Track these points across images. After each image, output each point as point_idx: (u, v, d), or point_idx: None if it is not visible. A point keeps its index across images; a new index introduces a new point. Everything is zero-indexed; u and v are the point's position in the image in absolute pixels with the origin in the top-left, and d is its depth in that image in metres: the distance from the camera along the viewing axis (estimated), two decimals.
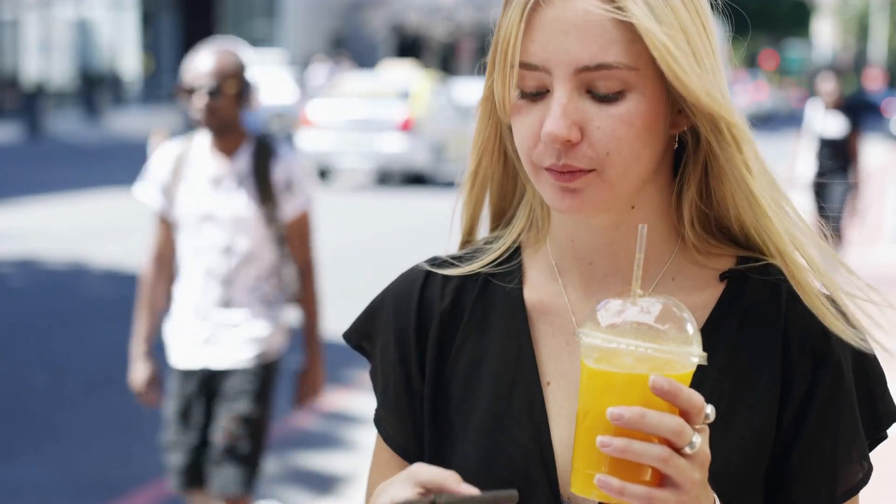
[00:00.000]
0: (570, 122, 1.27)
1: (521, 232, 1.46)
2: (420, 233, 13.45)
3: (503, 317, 1.42)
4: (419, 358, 1.44)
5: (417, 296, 1.45)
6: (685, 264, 1.39)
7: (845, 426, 1.33)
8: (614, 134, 1.27)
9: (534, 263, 1.44)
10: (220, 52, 4.17)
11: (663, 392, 1.13)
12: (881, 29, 62.94)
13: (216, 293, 4.19)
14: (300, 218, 4.36)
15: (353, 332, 1.52)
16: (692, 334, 1.17)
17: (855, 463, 1.34)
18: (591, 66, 1.26)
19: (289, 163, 4.25)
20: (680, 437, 1.14)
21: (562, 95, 1.27)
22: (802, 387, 1.33)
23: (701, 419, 1.16)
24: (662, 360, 1.15)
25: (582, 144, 1.28)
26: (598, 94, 1.27)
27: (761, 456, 1.33)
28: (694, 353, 1.17)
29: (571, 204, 1.30)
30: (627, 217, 1.35)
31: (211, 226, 4.19)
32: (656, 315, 1.17)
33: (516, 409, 1.37)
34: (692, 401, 1.14)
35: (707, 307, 1.37)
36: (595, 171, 1.28)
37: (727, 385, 1.33)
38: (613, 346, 1.15)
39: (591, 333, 1.17)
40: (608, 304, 1.19)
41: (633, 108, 1.27)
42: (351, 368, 7.95)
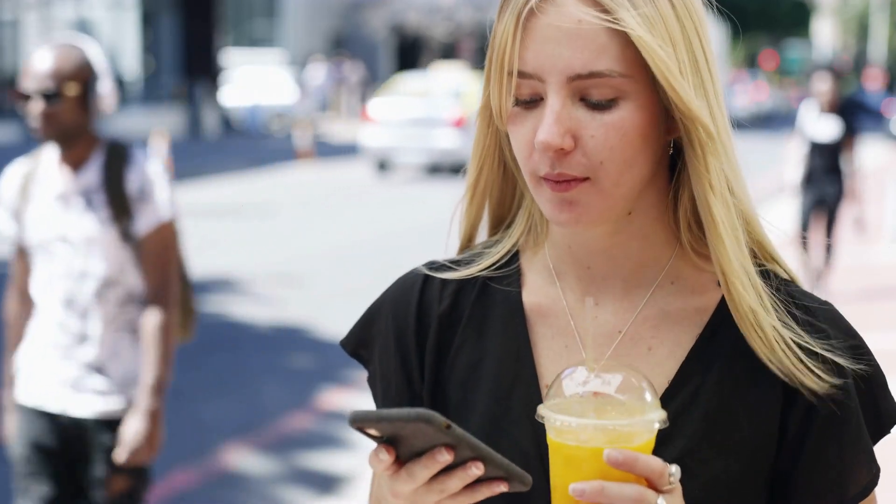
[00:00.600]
0: (562, 130, 1.27)
1: (520, 236, 1.46)
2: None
3: (502, 320, 1.42)
4: (419, 361, 1.44)
5: (416, 299, 1.45)
6: (684, 268, 1.39)
7: (850, 429, 1.33)
8: (608, 142, 1.27)
9: (532, 267, 1.44)
10: (60, 50, 3.62)
11: (618, 464, 1.16)
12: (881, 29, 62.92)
13: (74, 325, 3.63)
14: (157, 232, 3.67)
15: (351, 340, 1.52)
16: (650, 402, 1.21)
17: (863, 466, 1.34)
18: (583, 74, 1.26)
19: (142, 168, 3.65)
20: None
21: (555, 103, 1.27)
22: (807, 392, 1.33)
23: (665, 482, 1.18)
24: (623, 432, 1.18)
25: (576, 153, 1.28)
26: (592, 101, 1.27)
27: (762, 461, 1.33)
28: (654, 419, 1.20)
29: (569, 217, 1.30)
30: (626, 223, 1.36)
31: (64, 249, 3.63)
32: (616, 386, 1.21)
33: (515, 411, 1.38)
34: (650, 467, 1.17)
35: (707, 311, 1.37)
36: (589, 179, 1.28)
37: (727, 390, 1.33)
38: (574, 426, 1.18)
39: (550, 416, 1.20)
40: (573, 374, 1.22)
41: (627, 115, 1.27)
42: (351, 368, 7.96)
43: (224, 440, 6.56)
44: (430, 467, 1.16)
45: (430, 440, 1.15)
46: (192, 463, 6.17)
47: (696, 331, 1.36)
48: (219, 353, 8.58)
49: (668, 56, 1.26)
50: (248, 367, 8.22)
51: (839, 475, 1.33)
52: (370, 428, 1.15)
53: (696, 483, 1.30)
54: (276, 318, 9.66)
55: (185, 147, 25.72)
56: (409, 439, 1.16)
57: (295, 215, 16.28)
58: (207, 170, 21.69)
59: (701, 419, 1.32)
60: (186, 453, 6.30)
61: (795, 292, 1.38)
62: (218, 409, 7.15)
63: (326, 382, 7.78)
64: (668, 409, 1.31)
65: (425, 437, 1.14)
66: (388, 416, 1.13)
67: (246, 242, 13.77)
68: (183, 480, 5.94)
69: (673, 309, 1.37)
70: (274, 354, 8.57)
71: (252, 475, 6.09)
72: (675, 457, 1.28)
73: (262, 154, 25.38)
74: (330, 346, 8.71)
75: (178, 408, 7.14)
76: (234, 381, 7.84)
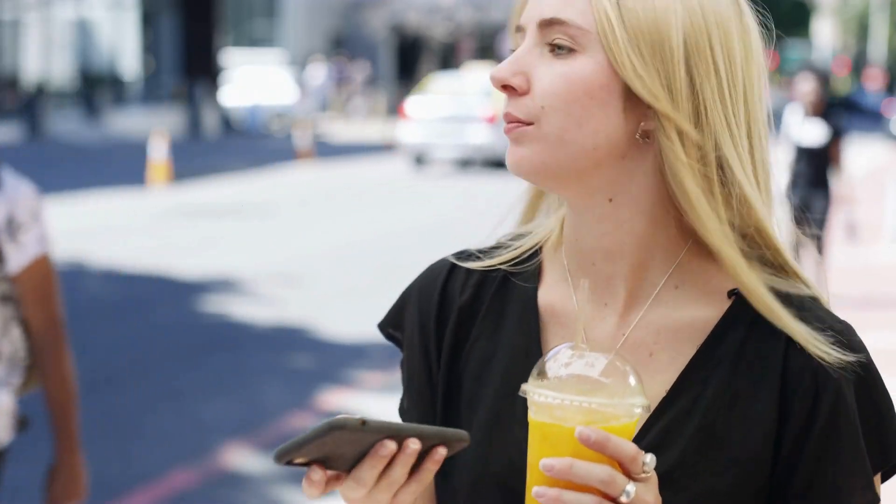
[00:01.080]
0: (515, 69, 1.31)
1: (547, 235, 1.45)
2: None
3: (516, 316, 1.42)
4: (438, 350, 1.45)
5: (440, 288, 1.46)
6: (691, 275, 1.37)
7: (847, 452, 1.31)
8: (551, 88, 1.29)
9: (551, 265, 1.44)
10: None
11: (590, 442, 1.15)
12: (881, 29, 62.91)
13: None
14: (33, 268, 3.19)
15: (386, 322, 1.52)
16: (634, 386, 1.19)
17: (857, 491, 1.31)
18: (547, 19, 1.30)
19: (12, 197, 3.08)
20: (610, 487, 1.15)
21: (522, 46, 1.32)
22: (803, 411, 1.31)
23: (637, 468, 1.17)
24: (601, 413, 1.17)
25: (527, 97, 1.31)
26: (555, 51, 1.30)
27: (756, 476, 1.31)
28: (636, 404, 1.19)
29: (512, 160, 1.32)
30: (610, 212, 1.34)
31: None
32: (601, 369, 1.19)
33: (519, 409, 1.36)
34: (621, 450, 1.16)
35: (710, 322, 1.35)
36: (532, 124, 1.30)
37: (724, 403, 1.32)
38: (552, 401, 1.18)
39: (531, 390, 1.20)
40: (557, 355, 1.21)
41: (577, 68, 1.29)
42: (351, 368, 7.96)
43: (224, 440, 6.56)
44: (376, 465, 1.16)
45: (356, 443, 1.14)
46: (192, 463, 6.17)
47: (697, 341, 1.35)
48: (219, 353, 8.58)
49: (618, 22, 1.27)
50: (248, 367, 8.22)
51: (836, 497, 1.31)
52: (296, 457, 1.14)
53: (686, 496, 1.28)
54: (276, 318, 9.66)
55: (185, 147, 25.72)
56: (336, 451, 1.15)
57: (295, 215, 16.28)
58: (207, 170, 21.68)
59: (695, 431, 1.31)
60: (186, 453, 6.30)
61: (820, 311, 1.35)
62: (218, 409, 7.15)
63: (326, 382, 7.78)
64: (663, 419, 1.30)
65: (350, 442, 1.14)
66: (303, 439, 1.12)
67: (246, 242, 13.77)
68: (183, 480, 5.94)
69: (676, 315, 1.36)
70: (274, 354, 8.57)
71: (252, 475, 6.09)
72: (665, 468, 1.27)
73: (262, 154, 25.38)
74: (330, 345, 8.71)
75: (178, 408, 7.15)
76: (234, 381, 7.84)
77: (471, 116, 21.77)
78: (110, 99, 32.88)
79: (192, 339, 8.96)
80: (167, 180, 19.24)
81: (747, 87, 1.32)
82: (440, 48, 43.18)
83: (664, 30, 1.28)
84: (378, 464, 1.16)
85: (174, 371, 8.05)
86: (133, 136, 28.19)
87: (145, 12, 34.50)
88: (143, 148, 21.24)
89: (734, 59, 1.31)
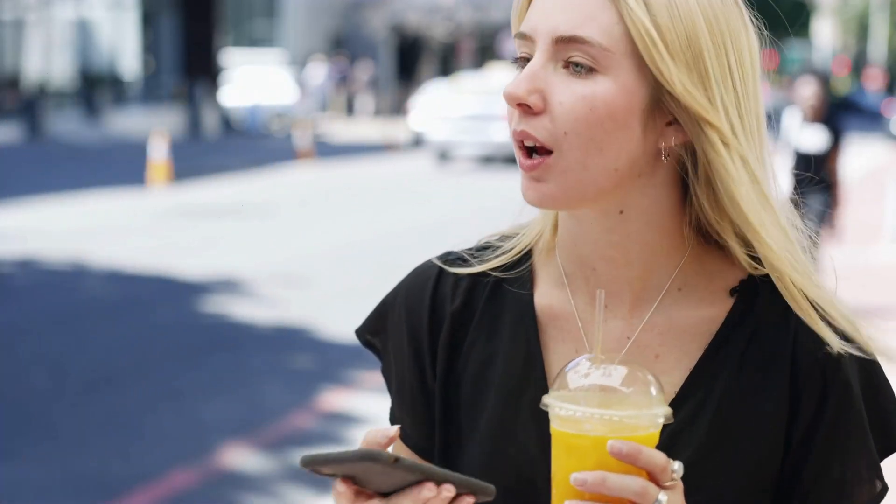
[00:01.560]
0: (531, 87, 1.27)
1: (536, 237, 1.45)
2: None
3: (513, 321, 1.41)
4: (432, 356, 1.44)
5: (430, 294, 1.45)
6: (694, 275, 1.37)
7: (855, 445, 1.32)
8: (574, 112, 1.26)
9: (544, 268, 1.43)
10: None
11: (622, 455, 1.15)
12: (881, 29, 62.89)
13: None
14: None
15: (365, 329, 1.51)
16: (655, 396, 1.19)
17: (866, 482, 1.33)
18: (565, 37, 1.26)
19: None
20: (644, 498, 1.15)
21: (536, 61, 1.28)
22: (811, 406, 1.32)
23: (667, 477, 1.17)
24: (627, 424, 1.17)
25: (544, 117, 1.27)
26: (572, 68, 1.26)
27: (767, 473, 1.32)
28: (659, 414, 1.19)
29: (534, 196, 1.30)
30: (619, 224, 1.34)
31: None
32: (621, 379, 1.19)
33: (524, 414, 1.37)
34: (653, 461, 1.16)
35: (716, 321, 1.36)
36: (553, 154, 1.28)
37: (733, 402, 1.33)
38: (578, 415, 1.18)
39: (555, 404, 1.19)
40: (578, 366, 1.21)
41: (600, 90, 1.25)
42: (351, 368, 7.96)
43: (224, 440, 6.55)
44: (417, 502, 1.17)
45: (385, 475, 1.16)
46: (192, 463, 6.17)
47: (704, 341, 1.35)
48: (219, 353, 8.58)
49: (659, 35, 1.24)
50: (249, 367, 8.21)
51: (842, 490, 1.33)
52: (322, 469, 1.17)
53: (700, 495, 1.29)
54: (276, 318, 9.65)
55: (185, 147, 25.71)
56: (366, 477, 1.17)
57: (295, 215, 16.28)
58: (207, 170, 21.67)
59: (706, 431, 1.32)
60: (186, 453, 6.30)
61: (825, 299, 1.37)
62: (218, 409, 7.14)
63: (327, 382, 7.78)
64: (674, 420, 1.30)
65: (379, 473, 1.16)
66: (335, 457, 1.14)
67: (246, 242, 13.77)
68: (183, 480, 5.94)
69: (681, 317, 1.36)
70: (274, 354, 8.57)
71: (252, 475, 6.09)
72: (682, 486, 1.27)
73: (262, 154, 25.37)
74: (330, 346, 8.71)
75: (178, 408, 7.15)
76: (234, 381, 7.84)
77: (494, 115, 22.07)
78: (110, 99, 32.87)
79: (192, 339, 8.96)
80: (167, 180, 19.23)
81: (756, 94, 1.32)
82: (440, 48, 43.16)
83: (696, 44, 1.27)
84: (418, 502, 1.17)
85: (174, 371, 8.05)
86: (133, 136, 28.18)
87: (145, 12, 34.48)
88: (143, 148, 21.24)
89: (745, 69, 1.31)
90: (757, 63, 1.33)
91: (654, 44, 1.24)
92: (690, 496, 1.26)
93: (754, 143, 1.31)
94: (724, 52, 1.28)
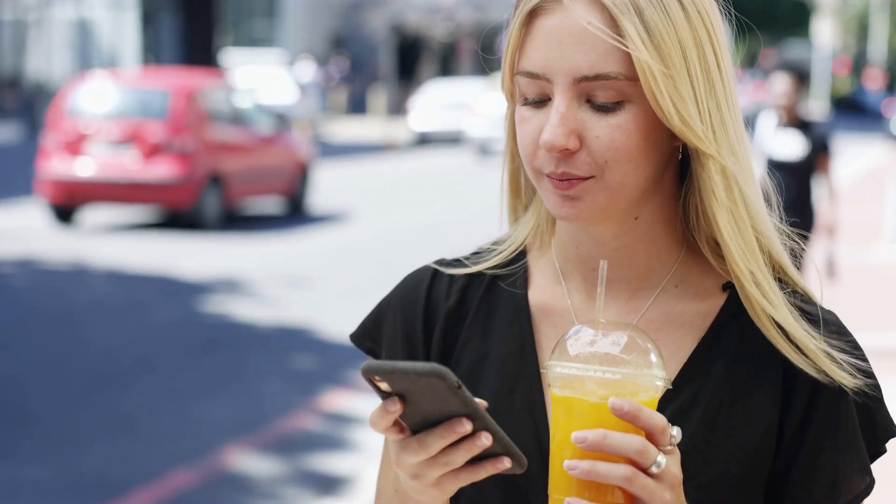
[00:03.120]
0: (567, 131, 1.28)
1: (528, 235, 1.47)
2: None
3: (507, 318, 1.43)
4: (426, 357, 1.46)
5: (425, 295, 1.47)
6: (690, 272, 1.40)
7: (846, 436, 1.34)
8: (612, 143, 1.28)
9: (539, 266, 1.46)
10: None
11: (623, 413, 1.16)
12: (881, 29, 62.92)
13: None
14: None
15: (359, 334, 1.53)
16: (655, 361, 1.21)
17: (856, 474, 1.34)
18: (590, 76, 1.28)
19: None
20: (643, 457, 1.16)
21: (561, 104, 1.29)
22: (804, 398, 1.34)
23: (666, 440, 1.18)
24: (627, 386, 1.18)
25: (581, 153, 1.29)
26: (597, 103, 1.29)
27: (761, 465, 1.34)
28: (658, 377, 1.20)
29: (571, 212, 1.32)
30: (632, 227, 1.37)
31: None
32: (622, 346, 1.20)
33: (517, 407, 1.39)
34: (653, 421, 1.17)
35: (709, 315, 1.38)
36: (594, 177, 1.30)
37: (727, 393, 1.34)
38: (579, 373, 1.19)
39: (556, 364, 1.20)
40: (578, 333, 1.22)
41: (632, 118, 1.28)
42: (351, 369, 7.96)
43: (224, 440, 6.56)
44: (446, 437, 1.16)
45: (439, 401, 1.14)
46: (192, 463, 6.17)
47: (698, 334, 1.38)
48: (219, 353, 8.58)
49: (661, 74, 1.27)
50: (249, 367, 8.22)
51: (833, 482, 1.34)
52: (382, 380, 1.14)
53: (695, 484, 1.30)
54: (277, 318, 9.66)
55: None
56: (417, 398, 1.15)
57: (295, 215, 16.29)
58: None
59: (701, 421, 1.33)
60: (186, 453, 6.30)
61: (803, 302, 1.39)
62: (218, 409, 7.15)
63: (327, 383, 7.78)
64: (668, 410, 1.31)
65: (434, 396, 1.13)
66: (402, 368, 1.12)
67: (246, 242, 13.77)
68: (183, 480, 5.94)
69: (676, 312, 1.39)
70: (274, 354, 8.57)
71: (252, 475, 6.09)
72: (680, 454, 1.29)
73: None
74: (331, 346, 8.71)
75: (178, 408, 7.15)
76: (234, 381, 7.84)
77: None
78: None
79: (192, 339, 8.96)
80: None
81: (737, 105, 1.35)
82: (440, 48, 43.17)
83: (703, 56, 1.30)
84: (449, 438, 1.16)
85: (174, 371, 8.05)
86: None
87: (145, 12, 34.49)
88: None
89: (727, 83, 1.34)
90: (732, 74, 1.36)
91: (654, 78, 1.27)
92: (689, 482, 1.27)
93: (741, 158, 1.35)
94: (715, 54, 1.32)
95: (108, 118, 14.23)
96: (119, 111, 14.36)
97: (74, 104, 14.40)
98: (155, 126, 14.08)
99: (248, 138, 15.44)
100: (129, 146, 14.05)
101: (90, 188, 14.06)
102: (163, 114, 14.20)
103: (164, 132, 14.03)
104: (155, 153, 13.99)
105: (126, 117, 14.24)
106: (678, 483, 1.20)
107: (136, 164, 13.99)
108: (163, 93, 14.43)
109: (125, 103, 14.47)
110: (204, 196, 14.22)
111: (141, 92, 14.73)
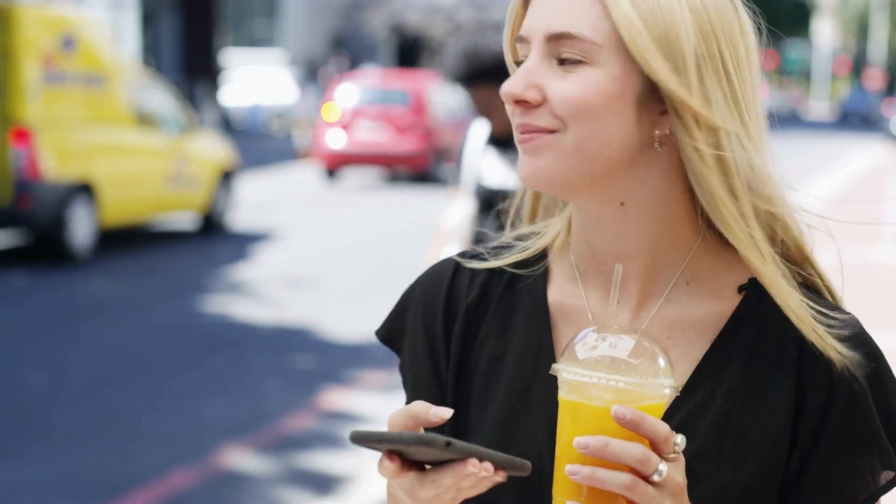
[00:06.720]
0: (527, 83, 1.31)
1: (554, 239, 1.47)
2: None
3: (526, 315, 1.44)
4: (445, 348, 1.46)
5: (446, 288, 1.48)
6: (702, 269, 1.39)
7: (865, 436, 1.33)
8: (569, 98, 1.30)
9: (559, 265, 1.46)
10: None
11: (625, 421, 1.15)
12: (881, 29, 62.95)
13: None
14: None
15: (385, 328, 1.54)
16: (663, 367, 1.20)
17: (878, 472, 1.34)
18: (556, 34, 1.31)
19: None
20: (645, 466, 1.16)
21: (531, 59, 1.33)
22: (818, 400, 1.33)
23: (669, 448, 1.18)
24: (632, 392, 1.18)
25: (543, 108, 1.31)
26: (562, 59, 1.31)
27: (774, 468, 1.33)
28: (666, 385, 1.20)
29: (527, 170, 1.33)
30: (621, 215, 1.36)
31: None
32: (629, 350, 1.20)
33: (533, 404, 1.39)
34: (656, 429, 1.16)
35: (723, 316, 1.37)
36: (554, 133, 1.31)
37: (740, 395, 1.34)
38: (585, 379, 1.19)
39: (563, 368, 1.21)
40: (586, 338, 1.22)
41: (592, 79, 1.30)
42: (351, 368, 7.96)
43: (224, 440, 6.56)
44: (457, 477, 1.18)
45: (435, 453, 1.18)
46: (192, 463, 6.17)
47: (711, 335, 1.37)
48: (219, 353, 8.58)
49: (644, 26, 1.28)
50: (249, 367, 8.22)
51: (852, 482, 1.33)
52: (371, 446, 1.19)
53: (706, 488, 1.30)
54: (276, 318, 9.66)
55: None
56: (413, 453, 1.19)
57: (295, 215, 16.29)
58: None
59: (712, 425, 1.33)
60: (186, 453, 6.30)
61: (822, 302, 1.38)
62: (218, 409, 7.15)
63: (327, 382, 7.78)
64: (680, 413, 1.31)
65: (428, 452, 1.17)
66: (388, 437, 1.16)
67: (246, 242, 13.77)
68: (183, 480, 5.94)
69: (687, 311, 1.38)
70: (274, 354, 8.57)
71: (252, 475, 6.09)
72: (685, 460, 1.27)
73: (262, 154, 25.38)
74: (331, 345, 8.71)
75: (178, 408, 7.15)
76: (234, 381, 7.84)
77: None
78: None
79: (192, 339, 8.96)
80: None
81: (754, 86, 1.34)
82: (440, 48, 43.16)
83: (679, 33, 1.30)
84: (460, 478, 1.18)
85: (174, 371, 8.05)
86: None
87: (145, 12, 34.51)
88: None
89: (741, 61, 1.33)
90: (753, 53, 1.35)
91: (638, 34, 1.28)
92: (697, 487, 1.27)
93: (754, 136, 1.34)
94: (717, 45, 1.31)
95: (367, 105, 20.55)
96: (373, 101, 20.71)
97: (340, 96, 20.79)
98: (401, 111, 20.46)
99: (455, 122, 20.52)
100: (383, 126, 20.36)
101: (353, 157, 20.40)
102: (405, 102, 20.58)
103: (409, 117, 20.43)
104: (403, 132, 20.34)
105: (380, 104, 20.54)
106: (681, 490, 1.19)
107: (388, 140, 20.29)
108: (401, 92, 20.84)
109: (377, 96, 20.88)
110: (435, 162, 20.69)
111: (386, 91, 21.01)
